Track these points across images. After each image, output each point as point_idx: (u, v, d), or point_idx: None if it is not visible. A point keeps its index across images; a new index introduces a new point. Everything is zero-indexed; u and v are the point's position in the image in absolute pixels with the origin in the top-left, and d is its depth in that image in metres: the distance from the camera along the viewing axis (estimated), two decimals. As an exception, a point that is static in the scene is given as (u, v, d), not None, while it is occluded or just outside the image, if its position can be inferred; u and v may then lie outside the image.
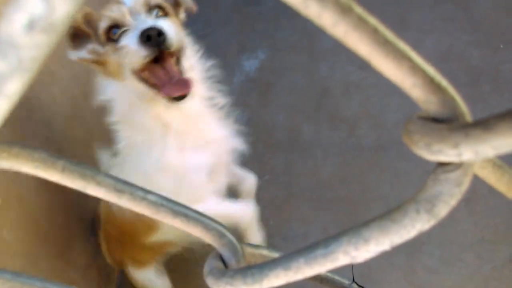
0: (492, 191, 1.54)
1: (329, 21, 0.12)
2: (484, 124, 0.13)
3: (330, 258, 0.17)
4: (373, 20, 0.13)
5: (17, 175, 1.11)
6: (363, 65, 1.91)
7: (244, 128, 1.83)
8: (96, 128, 1.44)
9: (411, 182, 1.62)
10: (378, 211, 1.15)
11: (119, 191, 0.20)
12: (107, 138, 1.49)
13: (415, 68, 0.14)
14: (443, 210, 0.15)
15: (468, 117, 0.14)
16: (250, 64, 1.99)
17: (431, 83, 0.14)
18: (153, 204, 0.21)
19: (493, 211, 1.53)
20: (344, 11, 0.12)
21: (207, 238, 0.22)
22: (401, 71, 0.14)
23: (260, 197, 1.70)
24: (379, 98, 1.82)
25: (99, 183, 0.19)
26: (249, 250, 0.24)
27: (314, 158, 1.74)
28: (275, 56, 2.00)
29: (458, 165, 0.14)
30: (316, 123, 1.82)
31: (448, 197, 0.15)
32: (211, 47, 2.09)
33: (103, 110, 1.04)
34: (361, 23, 0.13)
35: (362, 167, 1.68)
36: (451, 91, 0.14)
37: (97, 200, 1.29)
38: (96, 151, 1.16)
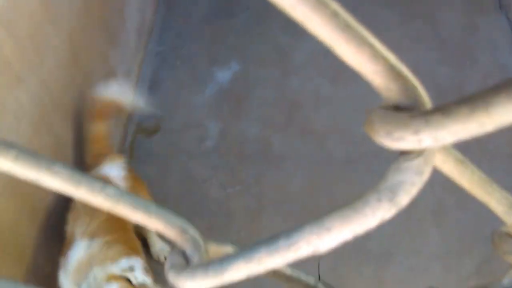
0: (459, 204, 1.58)
1: (288, 2, 0.12)
2: (443, 110, 0.13)
3: (293, 248, 0.17)
4: (334, 4, 0.13)
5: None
6: (334, 79, 1.94)
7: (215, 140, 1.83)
8: (66, 136, 1.41)
9: (380, 195, 1.64)
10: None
11: (76, 183, 0.19)
12: (75, 145, 1.45)
13: (376, 55, 0.14)
14: (404, 198, 0.15)
15: (429, 105, 0.14)
16: (224, 75, 1.99)
17: (391, 70, 0.14)
18: (112, 197, 0.20)
19: (460, 223, 1.57)
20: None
21: (169, 233, 0.22)
22: (362, 57, 0.14)
23: (232, 208, 1.69)
24: (349, 112, 1.85)
25: (55, 174, 0.18)
26: (214, 248, 0.24)
27: (285, 170, 1.74)
28: (247, 69, 2.01)
29: (419, 153, 0.14)
30: (287, 135, 1.83)
31: (409, 186, 0.15)
32: (183, 59, 2.09)
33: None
34: (321, 6, 0.13)
35: (331, 180, 1.69)
36: (412, 79, 0.15)
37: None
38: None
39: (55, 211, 1.31)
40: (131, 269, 1.11)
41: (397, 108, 0.15)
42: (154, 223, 0.21)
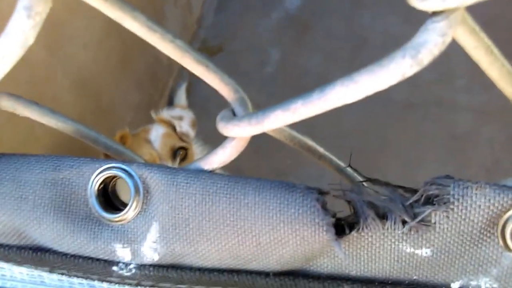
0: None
1: None
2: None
3: (324, 99, 0.20)
4: None
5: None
6: (408, 18, 1.84)
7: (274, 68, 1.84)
8: (132, 41, 1.48)
9: (434, 146, 1.61)
10: (395, 169, 1.17)
11: (151, 29, 0.23)
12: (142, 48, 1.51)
13: None
14: (426, 57, 0.17)
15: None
16: (292, 1, 1.95)
17: None
18: (180, 48, 0.24)
19: None
20: None
21: (222, 90, 0.25)
22: None
23: (281, 136, 1.73)
24: (416, 55, 1.77)
25: (134, 18, 0.22)
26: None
27: (340, 107, 1.74)
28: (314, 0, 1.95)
29: (445, 17, 0.16)
30: (348, 71, 1.78)
31: (432, 45, 0.17)
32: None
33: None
34: None
35: (386, 123, 1.67)
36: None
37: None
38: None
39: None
40: (180, 118, 1.20)
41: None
42: (211, 78, 0.25)
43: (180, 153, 1.15)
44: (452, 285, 0.25)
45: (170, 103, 1.65)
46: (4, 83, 0.25)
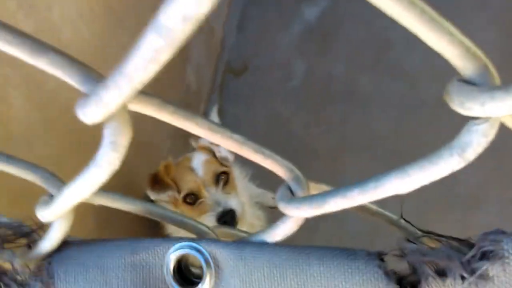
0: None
1: (384, 3, 0.16)
2: (506, 88, 0.17)
3: (379, 189, 0.22)
4: (421, 3, 0.17)
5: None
6: (428, 15, 1.82)
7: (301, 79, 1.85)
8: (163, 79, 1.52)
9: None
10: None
11: (213, 130, 0.25)
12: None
13: (454, 41, 0.17)
14: (472, 155, 0.19)
15: (497, 79, 0.18)
16: (311, 12, 1.97)
17: (467, 53, 0.18)
18: (238, 142, 0.26)
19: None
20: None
21: (279, 172, 0.28)
22: (442, 44, 0.17)
23: (315, 147, 1.75)
24: (443, 51, 1.75)
25: (198, 124, 0.25)
26: (313, 185, 0.30)
27: (371, 112, 1.74)
28: (336, 4, 1.96)
29: (486, 119, 0.18)
30: (375, 76, 1.80)
31: (476, 145, 0.19)
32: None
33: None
34: (411, 5, 0.16)
35: (419, 124, 1.66)
36: (484, 59, 0.18)
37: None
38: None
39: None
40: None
41: (470, 82, 0.18)
42: (268, 163, 0.27)
43: (222, 177, 1.20)
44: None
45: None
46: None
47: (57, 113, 1.10)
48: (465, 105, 0.18)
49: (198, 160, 1.21)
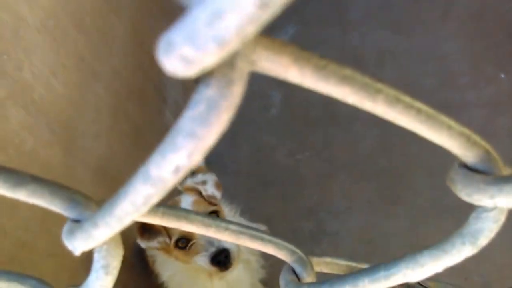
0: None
1: (381, 109, 0.16)
2: (514, 180, 0.16)
3: (391, 279, 0.21)
4: (419, 104, 0.16)
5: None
6: (396, 30, 1.87)
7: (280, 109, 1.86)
8: (141, 120, 1.52)
9: (454, 148, 1.60)
10: (422, 181, 1.16)
11: (206, 225, 0.24)
12: (151, 129, 1.55)
13: (453, 134, 0.17)
14: (484, 241, 0.18)
15: (502, 169, 0.17)
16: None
17: (467, 142, 0.17)
18: (235, 232, 0.25)
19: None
20: (393, 102, 0.16)
21: (280, 255, 0.27)
22: (441, 137, 0.17)
23: (303, 174, 1.74)
24: (415, 64, 1.79)
25: (191, 221, 0.24)
26: (315, 260, 0.28)
27: (354, 132, 1.75)
28: (305, 31, 1.99)
29: (495, 207, 0.18)
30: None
31: (488, 231, 0.18)
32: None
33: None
34: (408, 109, 0.16)
35: (403, 137, 1.67)
36: (485, 146, 0.17)
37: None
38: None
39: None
40: (204, 182, 1.22)
41: (474, 169, 0.18)
42: (268, 248, 0.26)
43: None
44: None
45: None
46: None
47: (37, 172, 1.07)
48: (473, 197, 0.17)
49: (186, 202, 1.19)
